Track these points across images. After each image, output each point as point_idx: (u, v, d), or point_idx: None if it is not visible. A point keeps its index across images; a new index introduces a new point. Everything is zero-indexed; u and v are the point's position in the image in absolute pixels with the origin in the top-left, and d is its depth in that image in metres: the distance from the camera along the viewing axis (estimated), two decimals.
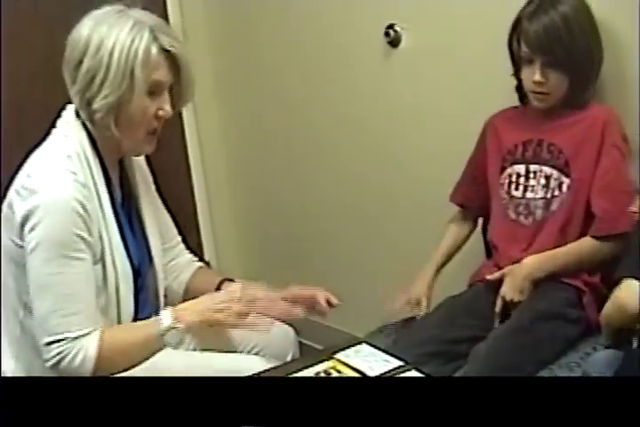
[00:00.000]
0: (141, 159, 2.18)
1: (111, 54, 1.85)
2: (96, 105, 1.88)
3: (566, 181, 2.31)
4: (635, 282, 1.83)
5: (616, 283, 1.87)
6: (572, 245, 2.29)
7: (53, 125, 2.01)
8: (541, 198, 2.35)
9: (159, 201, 2.23)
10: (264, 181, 3.63)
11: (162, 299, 2.16)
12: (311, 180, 3.40)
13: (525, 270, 2.27)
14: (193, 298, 2.17)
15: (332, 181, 3.31)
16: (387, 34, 2.83)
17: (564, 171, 2.31)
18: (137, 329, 1.98)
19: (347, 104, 3.11)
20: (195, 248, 3.51)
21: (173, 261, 2.25)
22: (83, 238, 1.87)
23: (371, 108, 3.04)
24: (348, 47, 3.02)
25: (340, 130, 3.19)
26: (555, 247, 2.30)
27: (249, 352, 2.23)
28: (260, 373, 1.98)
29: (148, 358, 1.94)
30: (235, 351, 2.22)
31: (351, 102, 3.09)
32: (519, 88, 2.40)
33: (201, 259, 3.54)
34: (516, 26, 2.31)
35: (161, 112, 1.95)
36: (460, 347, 2.23)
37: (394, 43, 2.84)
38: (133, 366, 1.93)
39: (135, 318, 2.05)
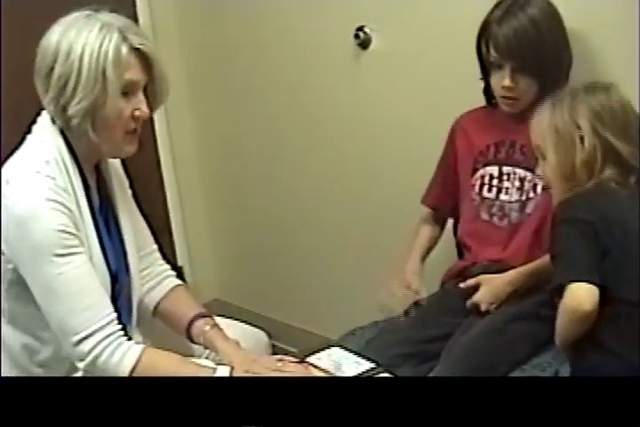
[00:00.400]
0: (117, 164, 2.16)
1: (81, 58, 1.83)
2: (71, 111, 1.86)
3: (540, 182, 2.30)
4: (577, 284, 1.86)
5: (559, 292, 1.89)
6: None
7: (28, 131, 1.99)
8: (517, 201, 2.34)
9: (135, 206, 2.21)
10: (237, 185, 3.62)
11: (135, 309, 2.13)
12: (285, 183, 3.39)
13: (504, 285, 2.26)
14: (162, 318, 2.20)
15: (304, 183, 3.31)
16: (356, 36, 2.83)
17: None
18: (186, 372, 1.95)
19: (317, 106, 3.11)
20: (168, 253, 3.53)
21: (147, 269, 2.22)
22: (73, 235, 1.86)
23: (341, 110, 3.03)
24: (319, 49, 3.01)
25: (311, 132, 3.19)
26: (530, 249, 2.30)
27: None
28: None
29: None
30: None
31: (322, 104, 3.09)
32: (487, 91, 2.40)
33: (174, 265, 3.58)
34: (485, 30, 2.29)
35: (137, 112, 1.93)
36: (433, 346, 2.23)
37: (364, 44, 2.84)
38: None
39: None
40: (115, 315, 1.90)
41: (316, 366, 2.04)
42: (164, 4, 3.44)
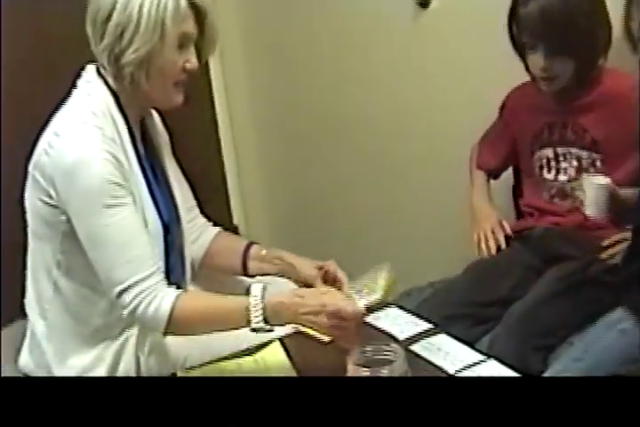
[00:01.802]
0: (160, 124, 2.17)
1: (141, 7, 1.84)
2: (125, 59, 1.87)
3: (597, 156, 2.28)
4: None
5: None
6: None
7: (74, 86, 1.99)
8: (576, 179, 2.30)
9: (177, 164, 2.22)
10: (293, 145, 3.61)
11: (188, 261, 2.15)
12: (343, 144, 3.37)
13: None
14: (212, 262, 2.20)
15: (362, 145, 3.29)
16: None
17: (593, 149, 2.28)
18: (222, 311, 1.91)
19: (377, 67, 3.08)
20: (223, 212, 3.55)
21: (192, 222, 2.22)
22: (120, 185, 1.87)
23: (401, 72, 3.00)
24: (377, 7, 2.97)
25: (366, 92, 3.16)
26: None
27: None
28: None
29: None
30: None
31: (381, 66, 3.06)
32: (529, 69, 2.33)
33: (230, 222, 3.60)
34: (513, 11, 2.23)
35: (188, 64, 1.94)
36: (488, 310, 2.24)
37: (424, 3, 2.81)
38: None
39: (169, 279, 2.01)
40: (157, 267, 1.90)
41: (373, 326, 2.03)
42: None
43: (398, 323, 2.06)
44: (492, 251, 2.38)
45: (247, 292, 1.87)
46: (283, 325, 1.91)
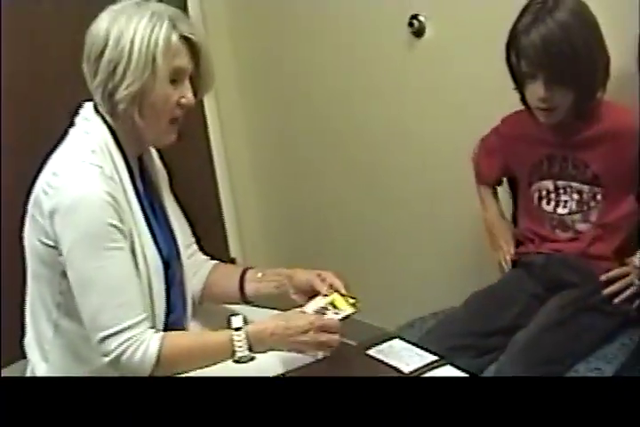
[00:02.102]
0: (158, 161, 2.17)
1: (132, 43, 1.85)
2: (119, 95, 1.88)
3: (599, 190, 2.26)
4: None
5: None
6: None
7: (71, 124, 2.00)
8: (578, 212, 2.30)
9: (175, 200, 2.21)
10: (291, 178, 3.61)
11: (189, 296, 2.14)
12: (337, 177, 3.38)
13: None
14: (211, 292, 2.20)
15: (357, 178, 3.30)
16: (410, 24, 2.81)
17: (595, 183, 2.26)
18: (206, 346, 1.94)
19: (370, 96, 3.09)
20: (220, 245, 3.54)
21: (191, 257, 2.22)
22: (118, 228, 1.86)
23: (395, 100, 3.01)
24: (372, 37, 2.99)
25: (364, 122, 3.16)
26: (603, 243, 2.28)
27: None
28: (290, 371, 1.94)
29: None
30: None
31: (375, 94, 3.07)
32: (524, 100, 2.30)
33: (227, 255, 3.58)
34: (513, 39, 2.19)
35: (183, 100, 1.94)
36: (492, 340, 2.22)
37: (418, 33, 2.82)
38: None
39: (167, 316, 2.03)
40: (146, 315, 1.89)
41: (377, 359, 2.01)
42: None
43: (402, 355, 2.04)
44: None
45: (228, 324, 1.90)
46: (265, 352, 1.93)
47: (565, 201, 2.32)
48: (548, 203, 2.36)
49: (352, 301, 2.05)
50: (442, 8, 2.75)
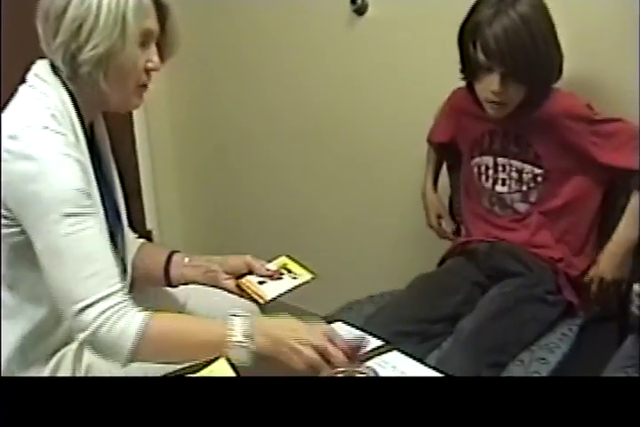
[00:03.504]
0: (105, 129, 2.03)
1: (100, 0, 1.71)
2: (83, 57, 1.73)
3: (539, 171, 2.26)
4: None
5: None
6: (628, 211, 2.21)
7: (22, 81, 1.84)
8: (516, 191, 2.31)
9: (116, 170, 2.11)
10: (210, 150, 3.54)
11: (130, 268, 2.04)
12: (263, 148, 3.32)
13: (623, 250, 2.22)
14: (137, 273, 2.05)
15: (282, 150, 3.25)
16: (353, 1, 2.76)
17: (536, 163, 2.26)
18: (197, 327, 1.79)
19: (311, 74, 3.04)
20: (138, 216, 3.45)
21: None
22: (87, 193, 1.73)
23: (335, 79, 2.96)
24: (313, 14, 2.93)
25: (302, 100, 3.11)
26: (540, 234, 2.30)
27: None
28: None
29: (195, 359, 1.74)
30: None
31: (315, 72, 3.02)
32: (471, 89, 2.28)
33: (144, 227, 3.49)
34: (472, 30, 2.15)
35: (150, 64, 1.82)
36: (436, 326, 2.21)
37: (360, 11, 2.77)
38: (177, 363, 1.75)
39: None
40: (123, 284, 1.76)
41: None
42: None
43: (346, 339, 2.00)
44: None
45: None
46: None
47: (504, 179, 2.32)
48: (487, 179, 2.36)
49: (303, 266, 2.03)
50: None
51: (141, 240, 2.17)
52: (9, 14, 2.85)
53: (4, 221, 1.77)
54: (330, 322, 2.07)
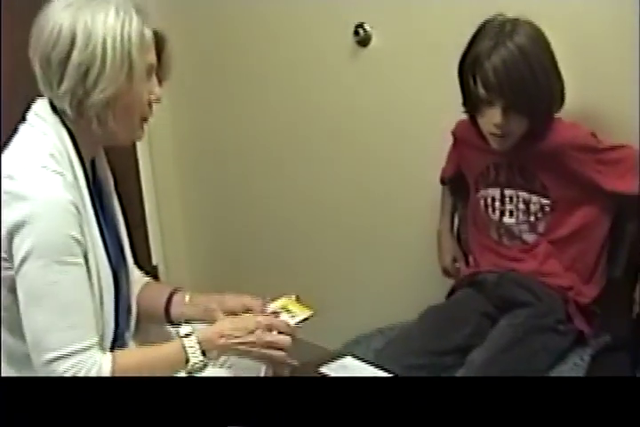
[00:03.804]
0: (107, 165, 2.04)
1: (104, 43, 1.70)
2: (91, 101, 1.73)
3: (546, 202, 2.25)
4: None
5: None
6: None
7: (22, 120, 1.84)
8: (524, 222, 2.29)
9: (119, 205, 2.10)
10: (215, 184, 3.52)
11: (134, 308, 2.03)
12: (267, 183, 3.30)
13: None
14: (139, 310, 2.07)
15: (288, 184, 3.23)
16: (356, 33, 2.75)
17: (543, 193, 2.25)
18: (159, 358, 1.87)
19: (314, 105, 3.03)
20: (143, 251, 3.43)
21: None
22: (78, 241, 1.73)
23: (339, 109, 2.95)
24: (316, 46, 2.93)
25: (305, 131, 3.10)
26: (549, 264, 2.27)
27: (221, 366, 2.08)
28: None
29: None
30: None
31: (319, 103, 3.01)
32: (474, 121, 2.26)
33: (149, 263, 3.47)
34: (471, 64, 2.14)
35: (152, 97, 1.83)
36: (447, 359, 2.19)
37: (363, 42, 2.76)
38: None
39: (116, 329, 1.92)
40: (97, 339, 1.77)
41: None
42: None
43: (356, 374, 1.99)
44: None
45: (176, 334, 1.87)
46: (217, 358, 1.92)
47: (511, 210, 2.31)
48: (494, 211, 2.34)
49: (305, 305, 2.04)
50: (388, 17, 2.70)
51: (147, 279, 2.18)
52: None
53: (4, 263, 1.75)
54: (339, 356, 2.07)
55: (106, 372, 1.73)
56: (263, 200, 3.35)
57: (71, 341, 1.71)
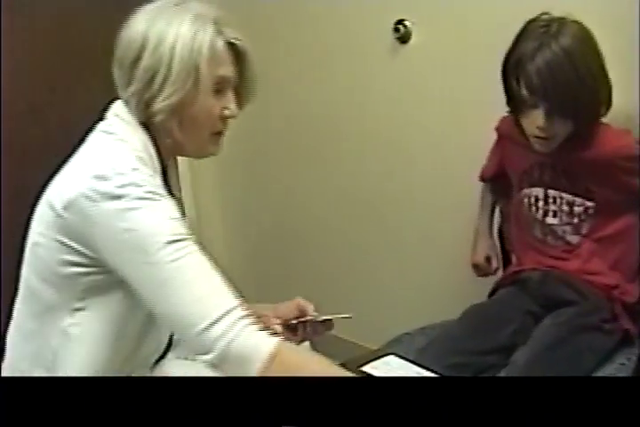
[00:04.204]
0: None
1: (173, 50, 1.69)
2: (157, 106, 1.72)
3: (591, 204, 2.21)
4: None
5: None
6: None
7: (100, 119, 1.82)
8: (568, 224, 2.26)
9: None
10: (256, 190, 3.54)
11: None
12: (316, 191, 3.31)
13: None
14: None
15: (342, 191, 3.22)
16: (396, 29, 2.74)
17: (587, 196, 2.21)
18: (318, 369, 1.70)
19: (353, 102, 3.02)
20: None
21: None
22: (183, 222, 1.68)
23: (380, 107, 2.94)
24: (357, 43, 2.92)
25: (345, 129, 3.09)
26: (593, 263, 2.25)
27: None
28: None
29: None
30: None
31: (358, 100, 3.00)
32: (518, 123, 2.23)
33: None
34: (515, 65, 2.10)
35: (226, 112, 1.79)
36: (489, 358, 2.16)
37: (403, 39, 2.75)
38: None
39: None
40: (239, 299, 1.65)
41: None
42: None
43: (399, 373, 1.97)
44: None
45: None
46: None
47: (555, 211, 2.28)
48: (537, 210, 2.31)
49: None
50: (428, 14, 2.69)
51: None
52: None
53: (82, 259, 1.72)
54: (382, 356, 2.06)
55: (268, 347, 1.60)
56: (300, 209, 3.37)
57: (218, 304, 1.60)
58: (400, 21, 2.72)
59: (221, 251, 3.63)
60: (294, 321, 2.00)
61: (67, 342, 1.79)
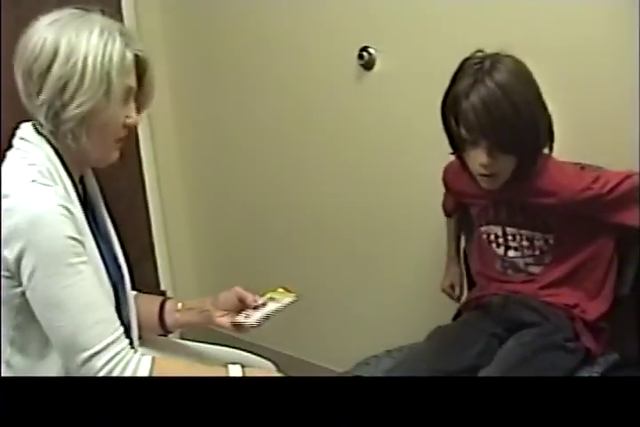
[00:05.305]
0: (96, 183, 2.05)
1: (85, 59, 1.74)
2: (67, 114, 1.76)
3: (551, 236, 2.23)
4: None
5: None
6: None
7: (9, 148, 1.86)
8: (530, 256, 2.27)
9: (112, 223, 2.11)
10: (223, 208, 3.55)
11: (134, 322, 2.03)
12: (277, 208, 3.32)
13: None
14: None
15: (299, 209, 3.25)
16: (360, 56, 2.78)
17: (545, 230, 2.22)
18: (198, 370, 1.92)
19: (318, 128, 3.05)
20: (151, 277, 3.44)
21: None
22: (79, 241, 1.73)
23: (343, 132, 2.98)
24: (321, 69, 2.96)
25: (310, 154, 3.12)
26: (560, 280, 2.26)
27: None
28: None
29: None
30: None
31: (323, 126, 3.04)
32: (462, 163, 2.22)
33: (157, 287, 3.48)
34: (451, 104, 2.09)
35: (129, 120, 1.86)
36: None
37: (368, 65, 2.79)
38: None
39: None
40: (122, 329, 1.79)
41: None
42: (149, 6, 3.37)
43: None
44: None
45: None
46: None
47: (515, 247, 2.28)
48: (498, 246, 2.32)
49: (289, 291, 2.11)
50: (393, 41, 2.73)
51: (134, 292, 2.16)
52: None
53: (8, 281, 1.76)
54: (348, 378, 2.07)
55: (144, 370, 1.75)
56: (272, 225, 3.37)
57: (102, 335, 1.73)
58: (364, 48, 2.76)
59: (189, 258, 3.67)
60: (242, 316, 2.06)
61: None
